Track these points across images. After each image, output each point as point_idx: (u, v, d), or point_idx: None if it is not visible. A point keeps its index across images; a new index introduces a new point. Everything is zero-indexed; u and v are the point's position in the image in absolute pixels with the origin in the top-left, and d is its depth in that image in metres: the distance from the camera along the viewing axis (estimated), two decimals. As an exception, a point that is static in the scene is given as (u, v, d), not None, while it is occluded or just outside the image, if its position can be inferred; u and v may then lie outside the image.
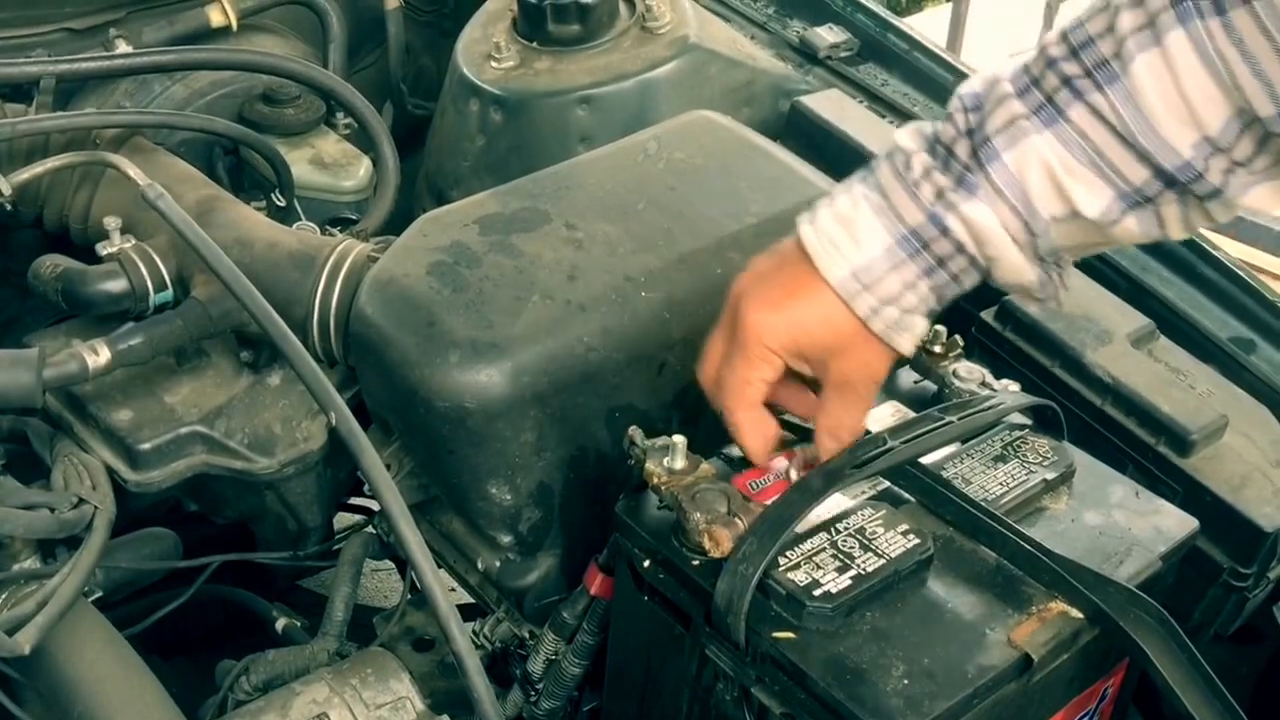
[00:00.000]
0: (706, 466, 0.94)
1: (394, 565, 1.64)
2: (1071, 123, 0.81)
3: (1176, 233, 0.84)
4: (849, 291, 0.86)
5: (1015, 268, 0.86)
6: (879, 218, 0.86)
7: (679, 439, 0.94)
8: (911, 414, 1.03)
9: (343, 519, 1.39)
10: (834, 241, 0.87)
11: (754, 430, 0.93)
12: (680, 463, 0.93)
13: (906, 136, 0.88)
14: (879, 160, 0.89)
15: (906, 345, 0.89)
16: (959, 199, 0.84)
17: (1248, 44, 0.74)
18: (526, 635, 1.13)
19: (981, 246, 0.85)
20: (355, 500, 1.47)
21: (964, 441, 0.99)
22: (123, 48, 1.46)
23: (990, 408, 1.00)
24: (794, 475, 0.96)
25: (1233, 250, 2.56)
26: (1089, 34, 0.80)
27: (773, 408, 0.94)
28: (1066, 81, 0.81)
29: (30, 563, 1.04)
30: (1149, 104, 0.78)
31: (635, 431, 0.97)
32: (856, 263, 0.86)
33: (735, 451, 0.98)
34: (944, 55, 1.60)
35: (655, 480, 0.93)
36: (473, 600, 1.19)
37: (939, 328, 1.10)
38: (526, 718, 1.14)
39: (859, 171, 0.90)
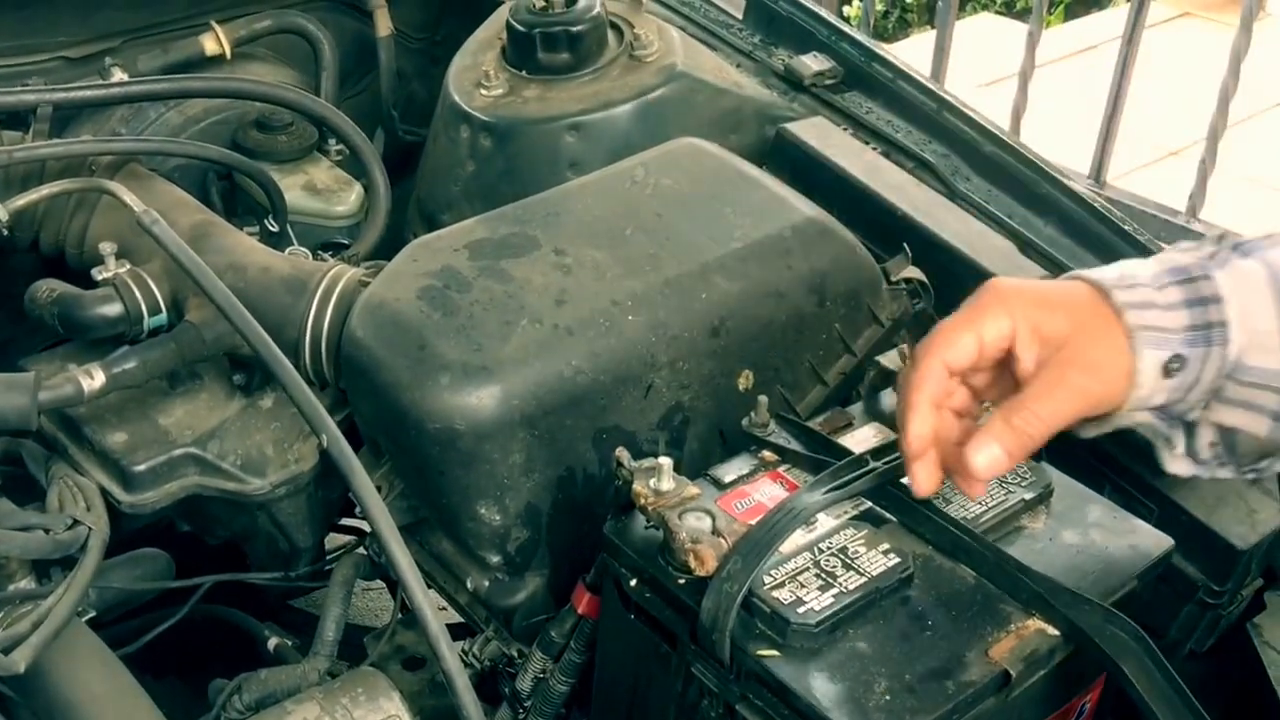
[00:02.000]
0: (692, 488, 0.96)
1: (385, 585, 1.65)
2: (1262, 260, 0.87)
3: None
4: (1110, 282, 0.87)
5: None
6: (1155, 263, 0.89)
7: (665, 460, 0.95)
8: (894, 435, 1.04)
9: (334, 539, 1.40)
10: (1105, 267, 0.90)
11: (927, 391, 0.88)
12: (667, 483, 0.94)
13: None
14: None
15: (1150, 361, 0.85)
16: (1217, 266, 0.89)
17: None
18: (515, 654, 1.14)
19: (1228, 309, 0.86)
20: (346, 521, 1.48)
21: (944, 462, 1.01)
22: (118, 76, 1.47)
23: (970, 429, 1.02)
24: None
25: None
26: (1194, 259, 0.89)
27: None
28: (1235, 247, 0.89)
29: (25, 583, 1.05)
30: None
31: (622, 453, 0.98)
32: (1125, 269, 0.89)
33: (721, 473, 1.00)
34: (927, 84, 1.62)
35: (642, 500, 0.94)
36: (462, 620, 1.20)
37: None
38: (515, 735, 1.15)
39: None
